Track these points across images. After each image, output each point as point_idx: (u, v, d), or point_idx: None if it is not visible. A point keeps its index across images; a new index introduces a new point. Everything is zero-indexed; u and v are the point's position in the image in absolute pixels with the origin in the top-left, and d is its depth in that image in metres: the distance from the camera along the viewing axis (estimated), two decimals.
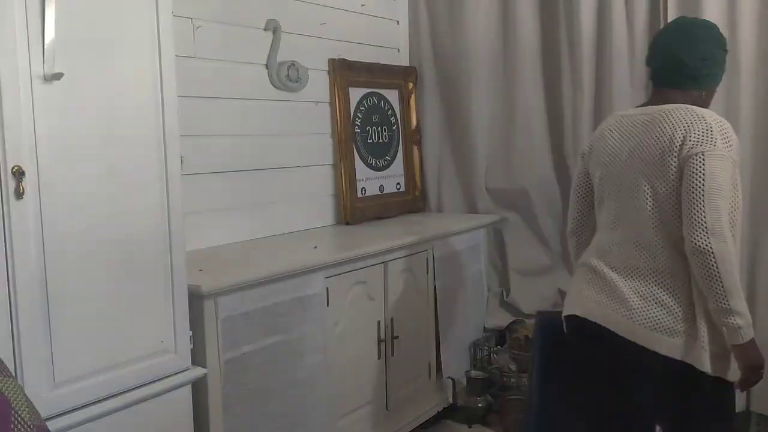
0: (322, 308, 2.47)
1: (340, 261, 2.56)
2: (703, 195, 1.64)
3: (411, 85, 3.67)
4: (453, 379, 3.18)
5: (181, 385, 1.96)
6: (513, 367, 3.22)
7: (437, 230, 3.13)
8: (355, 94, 3.36)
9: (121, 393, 1.80)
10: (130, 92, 1.80)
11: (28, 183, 1.58)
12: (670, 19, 2.90)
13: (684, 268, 1.71)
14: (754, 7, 2.74)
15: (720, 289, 1.62)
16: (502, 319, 3.46)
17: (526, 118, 3.39)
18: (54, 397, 1.66)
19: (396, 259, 2.85)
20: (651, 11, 3.01)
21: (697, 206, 1.64)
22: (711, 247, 1.61)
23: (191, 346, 2.00)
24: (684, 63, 1.80)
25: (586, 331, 1.85)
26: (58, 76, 1.62)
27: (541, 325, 2.15)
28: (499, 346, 3.37)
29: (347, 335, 2.61)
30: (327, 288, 2.49)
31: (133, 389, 1.83)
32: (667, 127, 1.73)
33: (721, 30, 1.89)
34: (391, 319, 2.83)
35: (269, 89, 2.95)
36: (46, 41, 1.59)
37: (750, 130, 2.80)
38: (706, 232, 1.62)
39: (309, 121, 3.15)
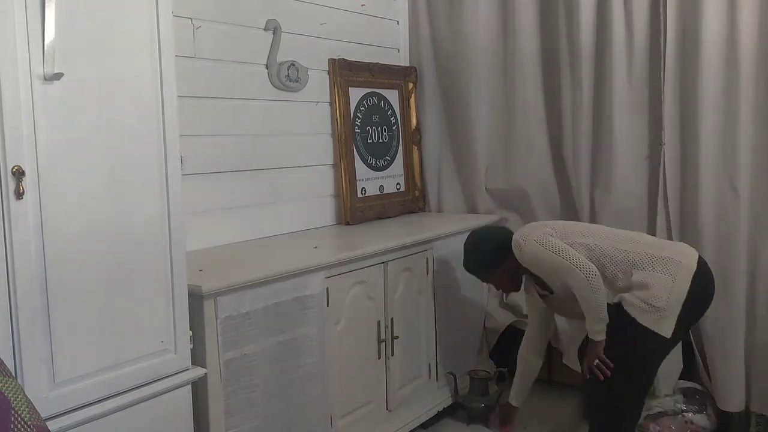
0: (322, 308, 2.47)
1: (340, 261, 2.56)
2: None
3: (411, 85, 3.67)
4: (454, 375, 3.18)
5: (181, 385, 1.96)
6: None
7: (437, 230, 3.12)
8: (355, 94, 3.37)
9: (121, 393, 1.80)
10: (130, 92, 1.80)
11: (28, 183, 1.58)
12: (669, 19, 2.91)
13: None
14: (754, 7, 2.74)
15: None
16: (502, 319, 3.46)
17: (526, 118, 3.39)
18: (54, 397, 1.66)
19: (396, 259, 2.85)
20: (651, 11, 3.00)
21: None
22: None
23: (191, 346, 2.00)
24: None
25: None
26: (58, 76, 1.62)
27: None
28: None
29: (347, 335, 2.61)
30: (327, 288, 2.49)
31: (133, 389, 1.83)
32: None
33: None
34: (391, 319, 2.83)
35: (269, 89, 2.95)
36: (46, 41, 1.59)
37: (749, 132, 2.80)
38: None
39: (309, 121, 3.15)
